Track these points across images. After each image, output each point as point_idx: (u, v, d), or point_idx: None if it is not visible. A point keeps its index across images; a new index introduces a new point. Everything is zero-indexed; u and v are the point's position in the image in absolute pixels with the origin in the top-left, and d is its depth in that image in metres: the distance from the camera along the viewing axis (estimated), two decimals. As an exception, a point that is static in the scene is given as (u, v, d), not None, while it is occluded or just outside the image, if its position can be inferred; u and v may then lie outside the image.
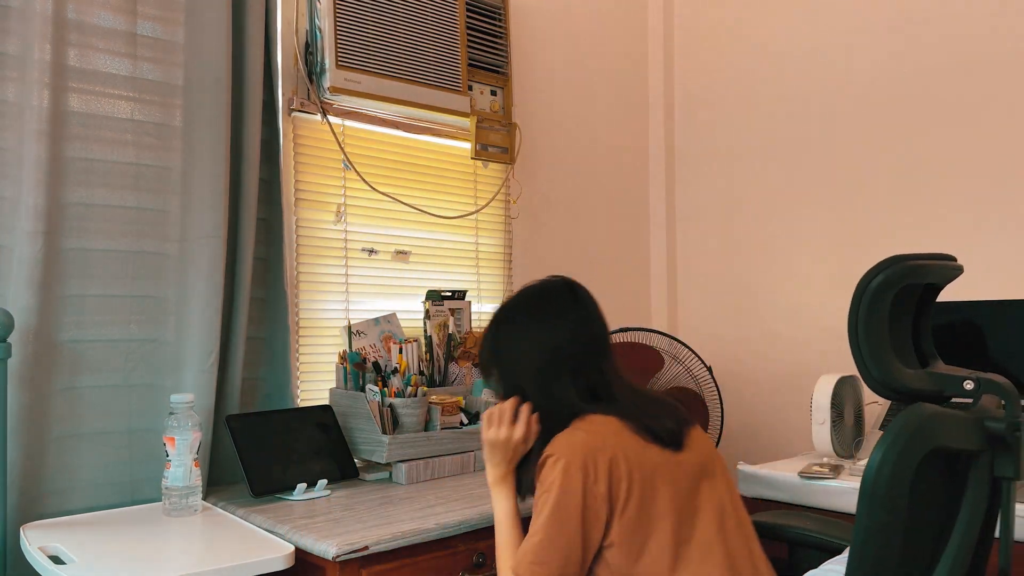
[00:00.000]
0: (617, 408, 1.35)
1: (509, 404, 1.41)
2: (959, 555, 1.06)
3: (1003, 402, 1.12)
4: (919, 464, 1.00)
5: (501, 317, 1.48)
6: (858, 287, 1.09)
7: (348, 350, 1.99)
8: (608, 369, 1.42)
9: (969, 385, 1.11)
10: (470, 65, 2.31)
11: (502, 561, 1.35)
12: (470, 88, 2.31)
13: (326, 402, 1.98)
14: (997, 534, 1.14)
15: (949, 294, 2.27)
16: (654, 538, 1.26)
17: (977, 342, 2.01)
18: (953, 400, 1.15)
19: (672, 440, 1.34)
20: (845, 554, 1.17)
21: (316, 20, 2.01)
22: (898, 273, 1.08)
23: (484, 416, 1.44)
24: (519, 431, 1.40)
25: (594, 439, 1.28)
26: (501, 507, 1.41)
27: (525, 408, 1.41)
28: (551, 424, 1.36)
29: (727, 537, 1.31)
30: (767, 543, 1.45)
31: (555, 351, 1.39)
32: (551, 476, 1.27)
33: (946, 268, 1.17)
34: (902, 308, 1.15)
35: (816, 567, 1.36)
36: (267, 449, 1.74)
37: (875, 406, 2.31)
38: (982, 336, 2.00)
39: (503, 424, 1.41)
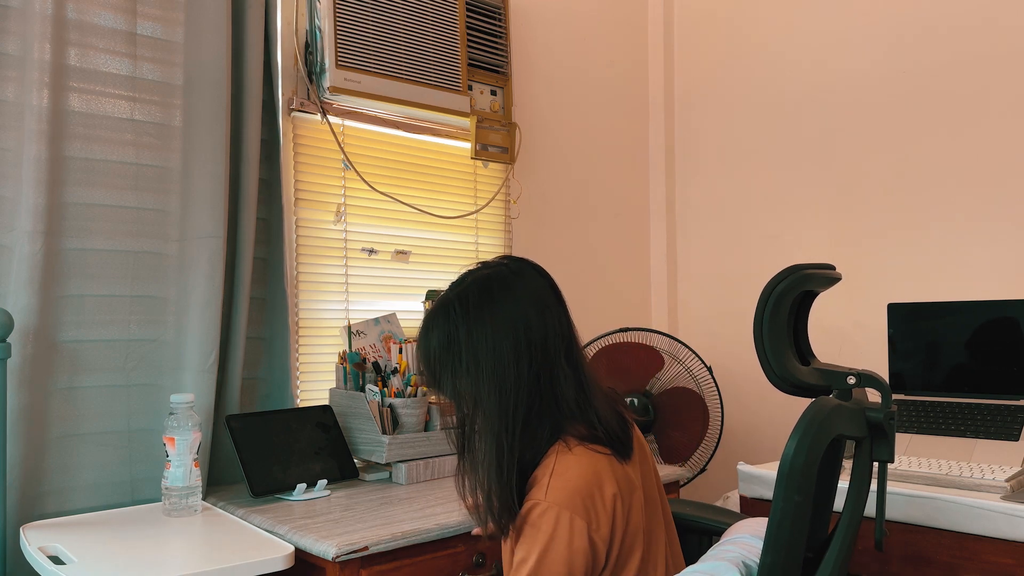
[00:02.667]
0: (597, 428, 1.18)
1: None
2: (849, 529, 1.18)
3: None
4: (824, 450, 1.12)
5: (455, 311, 1.19)
6: (763, 293, 1.19)
7: (348, 350, 1.99)
8: (584, 365, 1.23)
9: (851, 380, 1.22)
10: (470, 65, 2.31)
11: None
12: (470, 88, 2.31)
13: (326, 402, 1.98)
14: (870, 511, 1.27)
15: (949, 294, 2.27)
16: (631, 562, 1.20)
17: (978, 342, 2.01)
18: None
19: (624, 450, 1.21)
20: (727, 544, 1.28)
21: (316, 20, 2.01)
22: (798, 280, 1.20)
23: None
24: None
25: (592, 473, 1.12)
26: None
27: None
28: (522, 448, 1.15)
29: (671, 539, 1.32)
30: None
31: (542, 345, 1.17)
32: (545, 529, 1.09)
33: (829, 276, 1.29)
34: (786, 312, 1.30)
35: (696, 549, 1.48)
36: (267, 449, 1.74)
37: (875, 406, 2.31)
38: (982, 336, 2.00)
39: None
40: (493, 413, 1.15)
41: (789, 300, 1.19)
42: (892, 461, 1.25)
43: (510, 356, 1.15)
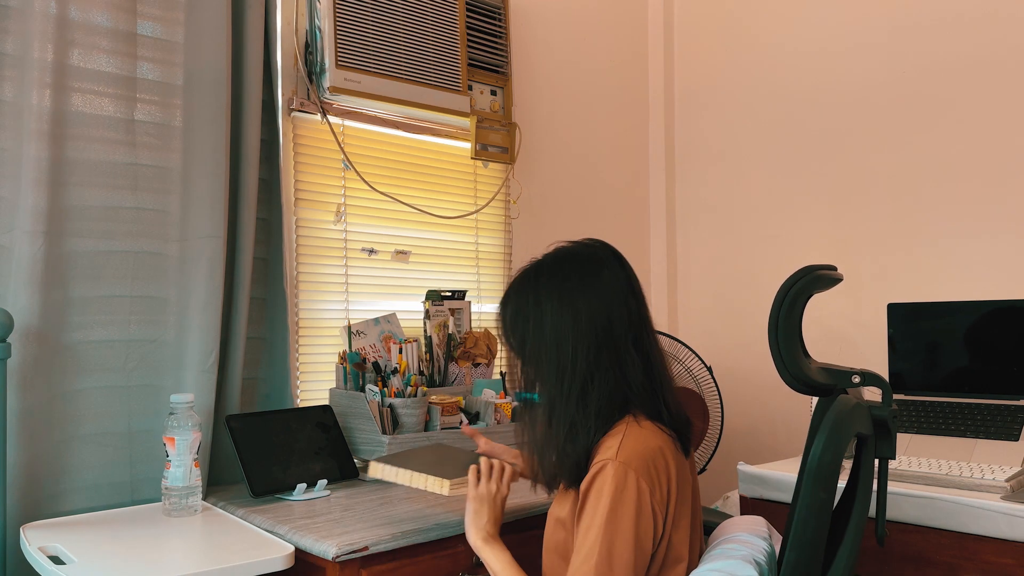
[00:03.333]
0: (663, 414, 1.24)
1: (499, 460, 1.37)
2: (859, 523, 1.21)
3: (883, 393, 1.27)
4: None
5: (537, 283, 1.26)
6: (779, 293, 1.20)
7: (348, 350, 1.99)
8: (656, 356, 1.27)
9: (856, 379, 1.24)
10: (470, 65, 2.31)
11: None
12: (470, 88, 2.31)
13: (326, 402, 1.98)
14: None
15: (949, 294, 2.27)
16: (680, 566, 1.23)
17: (977, 342, 2.01)
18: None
19: (686, 445, 1.28)
20: (731, 543, 1.28)
21: (316, 20, 2.01)
22: (812, 280, 1.22)
23: (472, 470, 1.35)
24: (506, 489, 1.35)
25: (657, 447, 1.18)
26: (500, 558, 1.27)
27: (506, 467, 1.35)
28: (590, 417, 1.21)
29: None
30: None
31: (606, 329, 1.21)
32: (617, 485, 1.14)
33: (835, 277, 1.31)
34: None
35: None
36: (267, 449, 1.74)
37: (875, 406, 2.32)
38: (982, 336, 2.00)
39: (493, 480, 1.33)
40: (552, 380, 1.23)
41: (804, 300, 1.21)
42: (894, 458, 1.28)
43: (569, 332, 1.22)
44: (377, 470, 1.53)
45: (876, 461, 1.28)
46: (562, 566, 1.26)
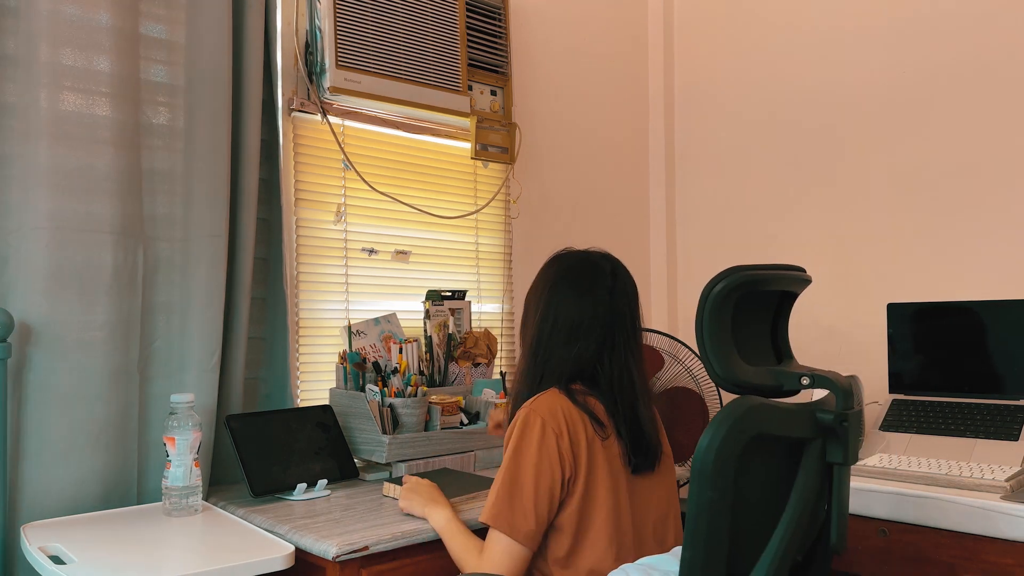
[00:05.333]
0: (599, 397, 1.44)
1: (408, 483, 1.60)
2: (787, 531, 1.18)
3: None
4: (745, 448, 1.12)
5: (547, 271, 1.54)
6: (702, 293, 1.21)
7: (348, 350, 1.99)
8: (615, 359, 1.46)
9: (805, 381, 1.23)
10: (470, 65, 2.31)
11: (465, 550, 1.39)
12: (470, 88, 2.31)
13: (326, 402, 1.98)
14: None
15: (949, 294, 2.27)
16: (591, 541, 1.38)
17: (977, 342, 2.01)
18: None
19: (637, 451, 1.43)
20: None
21: (316, 20, 2.01)
22: (736, 281, 1.20)
23: (402, 493, 1.59)
24: (424, 481, 1.61)
25: (563, 403, 1.40)
26: (440, 515, 1.47)
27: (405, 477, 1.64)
28: (533, 383, 1.46)
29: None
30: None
31: (574, 328, 1.44)
32: (520, 427, 1.37)
33: (791, 278, 1.30)
34: (757, 312, 1.30)
35: None
36: (267, 449, 1.74)
37: (875, 406, 2.32)
38: (982, 336, 2.00)
39: (409, 484, 1.60)
40: (525, 345, 1.52)
41: (730, 301, 1.20)
42: (847, 463, 1.25)
43: (541, 318, 1.49)
44: (389, 490, 1.71)
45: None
46: None
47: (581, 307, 1.45)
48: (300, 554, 1.41)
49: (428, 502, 1.51)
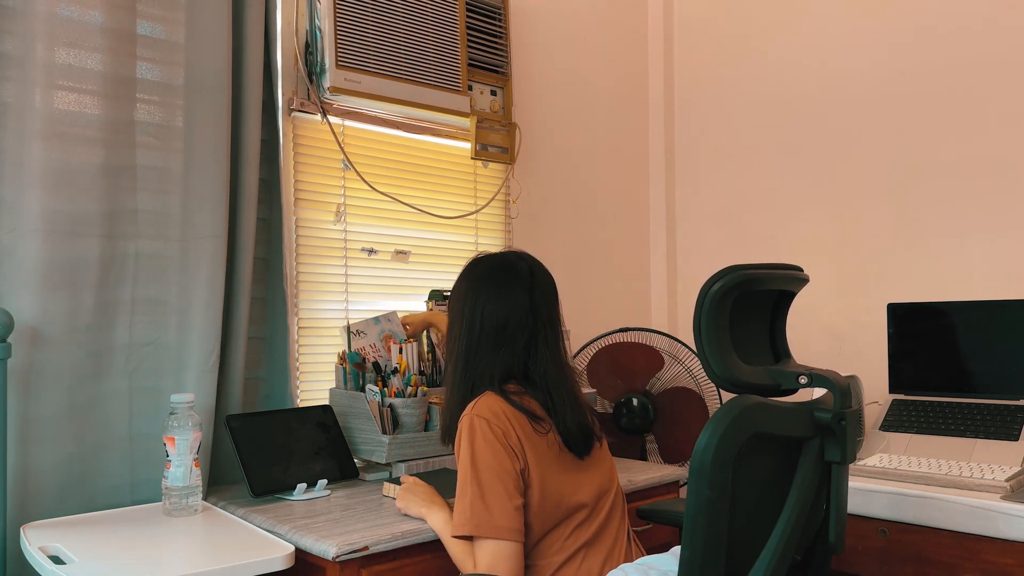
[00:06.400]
0: (531, 393, 1.47)
1: (406, 483, 1.60)
2: (786, 530, 1.17)
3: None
4: (743, 447, 1.12)
5: (466, 277, 1.55)
6: (700, 293, 1.21)
7: (348, 350, 1.99)
8: (541, 356, 1.49)
9: (803, 380, 1.23)
10: (470, 65, 2.31)
11: (466, 559, 1.39)
12: (470, 88, 2.31)
13: (326, 402, 1.98)
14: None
15: (949, 294, 2.27)
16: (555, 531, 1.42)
17: (977, 342, 2.01)
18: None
19: (571, 440, 1.46)
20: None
21: (316, 20, 2.01)
22: (733, 280, 1.20)
23: (398, 495, 1.59)
24: (420, 480, 1.61)
25: (500, 404, 1.43)
26: (438, 517, 1.47)
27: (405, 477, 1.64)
28: (466, 391, 1.48)
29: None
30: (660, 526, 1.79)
31: (500, 328, 1.47)
32: (467, 432, 1.39)
33: (788, 277, 1.30)
34: (755, 312, 1.30)
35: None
36: (267, 449, 1.74)
37: (875, 406, 2.32)
38: (982, 336, 2.00)
39: (409, 482, 1.60)
40: (453, 354, 1.53)
41: (728, 300, 1.20)
42: (845, 462, 1.25)
43: (467, 325, 1.50)
44: (389, 490, 1.71)
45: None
46: None
47: (505, 308, 1.48)
48: (300, 554, 1.41)
49: (425, 503, 1.52)
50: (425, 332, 2.18)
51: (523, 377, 1.49)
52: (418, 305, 2.25)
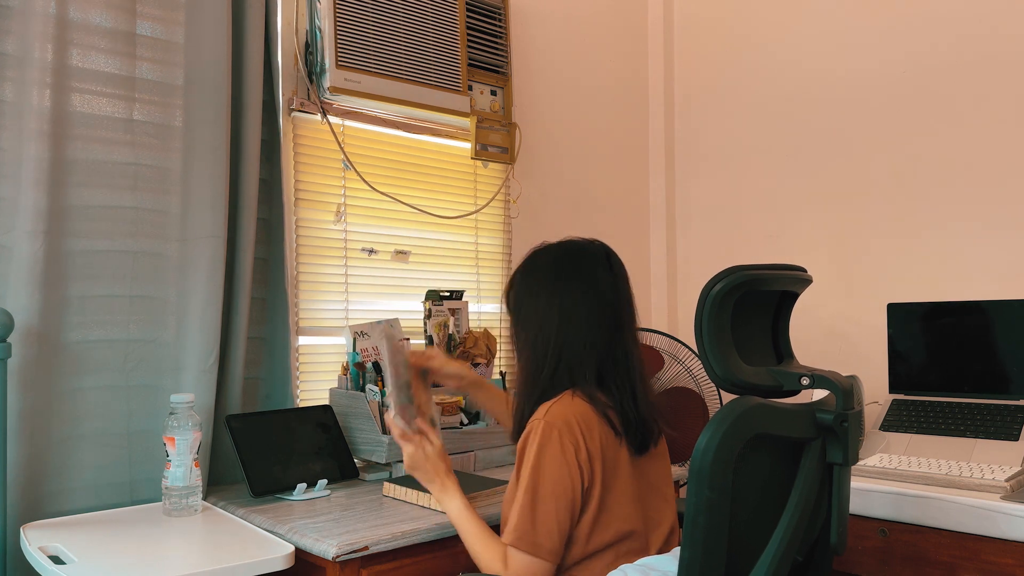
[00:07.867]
0: (612, 398, 1.39)
1: (413, 422, 1.48)
2: (787, 531, 1.17)
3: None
4: (744, 448, 1.12)
5: (535, 269, 1.46)
6: (702, 293, 1.21)
7: (350, 350, 1.99)
8: (620, 355, 1.41)
9: (805, 381, 1.23)
10: (470, 65, 2.31)
11: (485, 550, 1.35)
12: (470, 88, 2.31)
13: (326, 402, 1.98)
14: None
15: (949, 294, 2.27)
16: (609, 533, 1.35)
17: (977, 342, 2.01)
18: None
19: (633, 439, 1.39)
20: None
21: (316, 20, 2.01)
22: (736, 281, 1.20)
23: (399, 439, 1.47)
24: (438, 441, 1.47)
25: (579, 409, 1.34)
26: (452, 504, 1.43)
27: (421, 425, 1.49)
28: (545, 387, 1.39)
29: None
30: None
31: (581, 325, 1.39)
32: (539, 442, 1.32)
33: (791, 278, 1.29)
34: (757, 312, 1.30)
35: None
36: (267, 449, 1.74)
37: (875, 406, 2.32)
38: (982, 336, 2.00)
39: (422, 443, 1.47)
40: (524, 354, 1.45)
41: (729, 301, 1.20)
42: (847, 464, 1.25)
43: (548, 319, 1.41)
44: (389, 489, 1.71)
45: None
46: None
47: (590, 296, 1.40)
48: (300, 554, 1.41)
49: (439, 478, 1.45)
50: (424, 332, 2.18)
51: (601, 372, 1.40)
52: (417, 305, 2.25)
